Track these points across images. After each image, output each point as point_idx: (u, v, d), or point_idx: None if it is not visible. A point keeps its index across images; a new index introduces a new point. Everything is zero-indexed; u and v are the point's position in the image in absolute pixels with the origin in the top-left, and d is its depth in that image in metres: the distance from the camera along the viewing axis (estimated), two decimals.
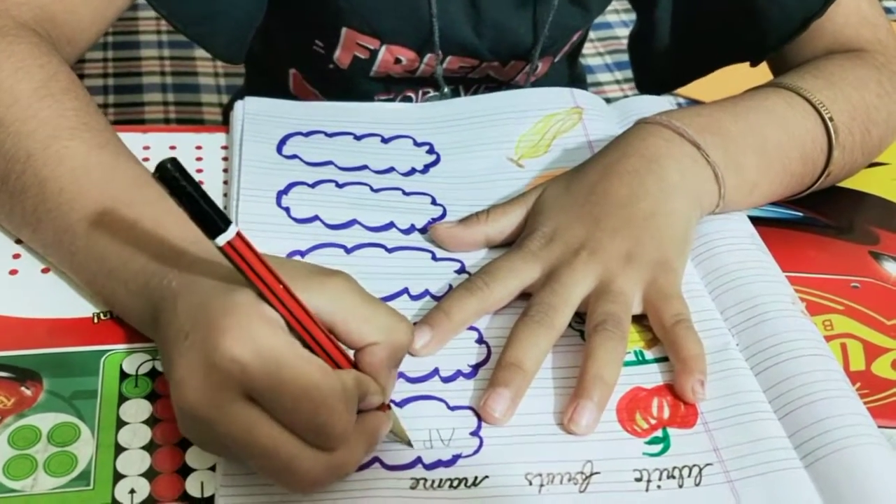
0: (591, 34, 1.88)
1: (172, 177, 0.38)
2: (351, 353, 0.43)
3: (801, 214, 0.63)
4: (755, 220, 0.60)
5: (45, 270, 0.52)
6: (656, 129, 0.57)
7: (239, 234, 0.39)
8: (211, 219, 0.39)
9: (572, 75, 0.90)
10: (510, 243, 0.56)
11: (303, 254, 0.54)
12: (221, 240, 0.39)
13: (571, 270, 0.51)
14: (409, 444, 0.45)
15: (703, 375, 0.49)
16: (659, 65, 0.79)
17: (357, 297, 0.42)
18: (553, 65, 0.82)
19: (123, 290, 0.47)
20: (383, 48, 0.73)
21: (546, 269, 0.52)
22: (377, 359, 0.42)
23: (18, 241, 0.54)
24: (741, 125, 0.58)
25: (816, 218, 0.63)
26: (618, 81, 1.81)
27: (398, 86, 0.78)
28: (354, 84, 0.77)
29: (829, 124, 0.60)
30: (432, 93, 0.78)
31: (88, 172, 0.49)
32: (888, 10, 1.98)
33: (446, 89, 0.76)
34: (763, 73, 0.72)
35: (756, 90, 0.63)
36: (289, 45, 0.80)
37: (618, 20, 1.93)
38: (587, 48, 1.86)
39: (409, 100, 0.79)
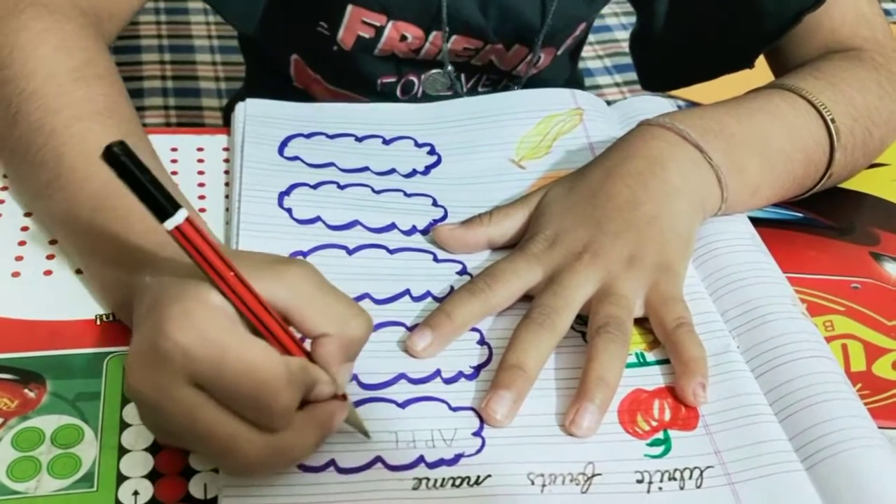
0: (591, 37, 1.89)
1: (120, 161, 0.38)
2: (309, 344, 0.43)
3: (801, 215, 0.63)
4: (756, 221, 0.60)
5: (47, 272, 0.53)
6: (659, 131, 0.57)
7: (189, 220, 0.39)
8: (160, 203, 0.38)
9: (572, 75, 0.91)
10: (512, 245, 0.56)
11: (305, 254, 0.54)
12: (170, 223, 0.39)
13: (574, 273, 0.51)
14: (366, 434, 0.45)
15: (704, 378, 0.49)
16: (660, 62, 0.80)
17: (315, 287, 0.42)
18: (554, 58, 0.82)
19: (111, 278, 0.48)
20: (389, 24, 0.73)
21: (548, 271, 0.52)
22: (328, 350, 0.42)
23: (21, 243, 0.54)
24: (744, 127, 0.58)
25: (817, 219, 0.63)
26: (617, 84, 1.81)
27: (402, 67, 0.78)
28: (358, 65, 0.77)
29: (831, 126, 0.61)
30: (434, 71, 0.78)
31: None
32: (887, 13, 1.98)
33: (450, 67, 0.76)
34: (763, 74, 0.73)
35: (758, 92, 0.63)
36: (291, 30, 0.80)
37: (617, 23, 1.93)
38: (586, 51, 1.86)
39: (411, 83, 0.79)
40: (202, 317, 0.39)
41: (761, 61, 0.75)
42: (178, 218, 0.39)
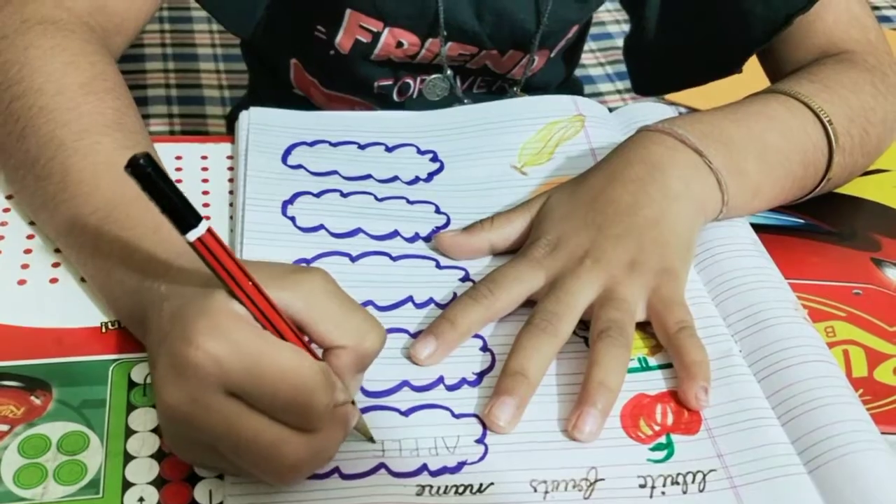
0: (592, 44, 1.89)
1: (145, 172, 0.38)
2: (320, 351, 0.43)
3: (802, 221, 0.64)
4: (757, 227, 0.60)
5: (53, 280, 0.53)
6: (659, 136, 0.57)
7: (210, 231, 0.39)
8: (182, 214, 0.39)
9: (569, 79, 0.91)
10: (514, 251, 0.56)
11: (308, 262, 0.55)
12: (192, 235, 0.39)
13: (575, 278, 0.51)
14: (371, 440, 0.45)
15: (706, 382, 0.49)
16: (652, 66, 0.81)
17: (331, 297, 0.42)
18: (549, 60, 0.83)
19: (119, 289, 0.48)
20: (386, 31, 0.74)
21: (550, 277, 0.52)
22: (343, 362, 0.42)
23: (27, 252, 0.54)
24: (743, 131, 0.59)
25: (818, 225, 0.64)
26: (619, 91, 1.81)
27: (398, 71, 0.79)
28: (355, 69, 0.78)
29: (829, 128, 0.61)
30: (429, 77, 0.79)
31: (109, 169, 0.51)
32: (889, 20, 1.98)
33: (449, 72, 0.76)
34: (759, 80, 0.73)
35: (755, 96, 0.63)
36: (290, 33, 0.81)
37: (618, 31, 1.93)
38: (588, 58, 1.87)
39: (408, 85, 0.80)
40: (231, 326, 0.39)
41: (758, 67, 0.75)
42: (201, 229, 0.39)
